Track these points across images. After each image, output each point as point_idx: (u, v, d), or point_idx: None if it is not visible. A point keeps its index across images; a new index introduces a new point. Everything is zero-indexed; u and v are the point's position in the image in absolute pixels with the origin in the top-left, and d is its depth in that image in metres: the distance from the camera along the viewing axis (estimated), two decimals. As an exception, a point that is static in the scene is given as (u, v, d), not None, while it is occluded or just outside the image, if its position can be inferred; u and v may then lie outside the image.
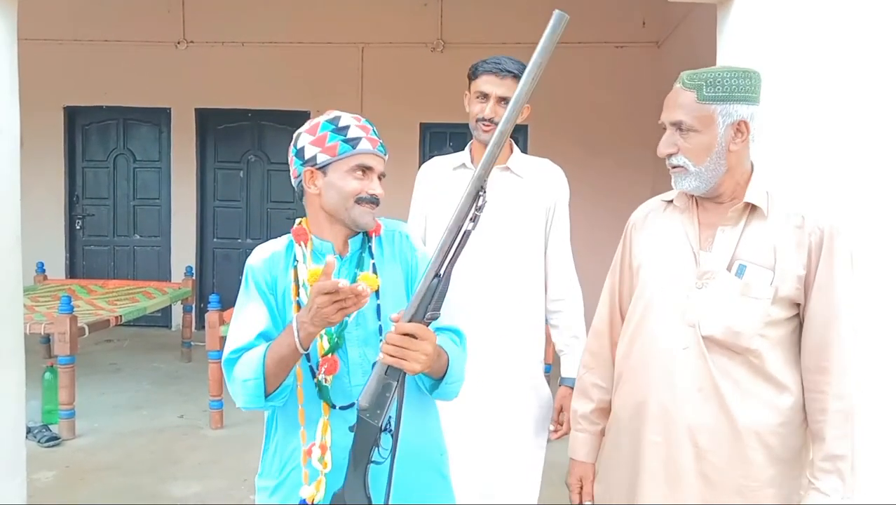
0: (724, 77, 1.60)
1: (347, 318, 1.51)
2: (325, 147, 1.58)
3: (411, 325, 1.37)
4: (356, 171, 1.57)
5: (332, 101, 7.76)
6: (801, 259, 1.60)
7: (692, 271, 1.65)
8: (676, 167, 1.66)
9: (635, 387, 1.71)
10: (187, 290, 6.42)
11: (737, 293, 1.60)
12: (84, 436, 4.46)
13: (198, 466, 4.08)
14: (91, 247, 7.74)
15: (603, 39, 6.92)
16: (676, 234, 1.72)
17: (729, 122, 1.60)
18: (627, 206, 6.61)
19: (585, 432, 1.86)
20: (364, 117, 1.64)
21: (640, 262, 1.77)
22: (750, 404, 1.61)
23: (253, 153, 7.66)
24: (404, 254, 1.70)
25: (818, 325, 1.60)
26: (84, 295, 5.93)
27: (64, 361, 4.37)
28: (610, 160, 6.86)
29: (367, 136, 1.59)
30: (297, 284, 1.60)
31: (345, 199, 1.58)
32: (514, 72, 2.11)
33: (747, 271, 1.60)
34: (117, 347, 6.79)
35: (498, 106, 2.14)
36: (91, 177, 7.72)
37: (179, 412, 4.98)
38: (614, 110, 6.99)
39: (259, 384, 1.50)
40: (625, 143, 6.96)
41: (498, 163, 2.13)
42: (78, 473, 3.93)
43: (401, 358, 1.37)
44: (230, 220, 7.72)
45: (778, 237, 1.62)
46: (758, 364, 1.61)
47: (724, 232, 1.65)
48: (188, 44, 7.33)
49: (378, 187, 1.60)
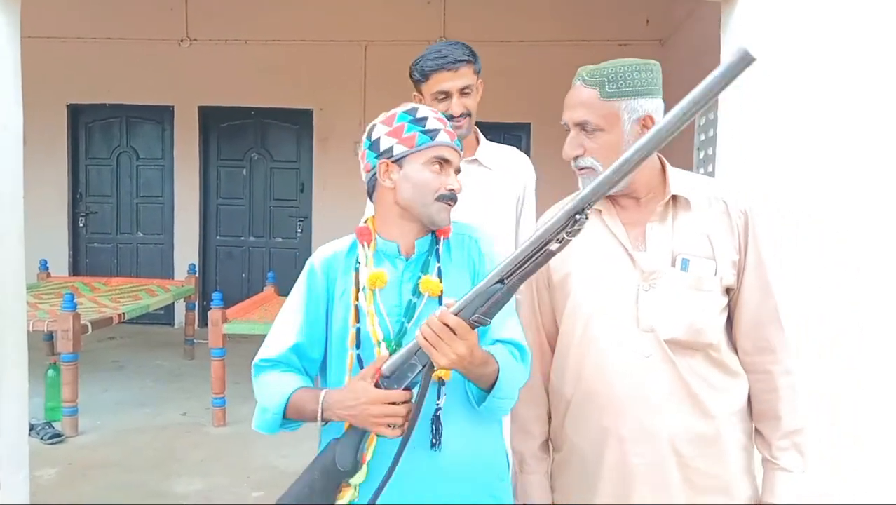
0: (626, 71, 1.53)
1: (406, 323, 1.48)
2: (402, 138, 1.51)
3: (453, 318, 1.30)
4: (434, 164, 1.50)
5: (335, 99, 7.80)
6: (734, 244, 1.57)
7: (633, 274, 1.56)
8: (584, 169, 1.57)
9: (597, 411, 1.57)
10: (190, 287, 6.43)
11: (689, 289, 1.53)
12: (87, 433, 4.47)
13: (200, 463, 4.08)
14: (94, 244, 7.76)
15: (607, 37, 6.89)
16: (602, 237, 1.61)
17: (635, 118, 1.53)
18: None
19: (537, 473, 1.71)
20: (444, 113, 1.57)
21: (563, 274, 1.63)
22: (720, 398, 1.56)
23: (256, 151, 7.66)
24: (472, 259, 1.60)
25: (752, 306, 1.57)
26: (87, 292, 5.94)
27: (67, 358, 4.38)
28: (613, 158, 6.85)
29: (445, 128, 1.53)
30: (357, 288, 1.52)
31: (423, 194, 1.50)
32: (464, 58, 2.05)
33: (691, 265, 1.54)
34: (120, 345, 6.80)
35: (462, 98, 2.07)
36: (94, 174, 7.73)
37: (182, 410, 4.99)
38: (618, 108, 6.97)
39: (276, 419, 1.47)
40: (628, 141, 6.94)
41: (466, 155, 2.09)
42: (81, 469, 3.94)
43: (432, 346, 1.31)
44: (233, 217, 7.72)
45: (708, 226, 1.57)
46: (716, 357, 1.56)
47: (654, 228, 1.57)
48: (191, 41, 7.33)
49: (456, 182, 1.52)
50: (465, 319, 1.31)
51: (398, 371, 1.36)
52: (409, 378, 1.36)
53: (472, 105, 2.11)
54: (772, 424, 1.60)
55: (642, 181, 1.58)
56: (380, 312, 1.49)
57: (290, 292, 1.59)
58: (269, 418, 1.47)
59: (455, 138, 1.54)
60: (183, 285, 6.44)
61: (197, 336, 6.41)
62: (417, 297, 1.50)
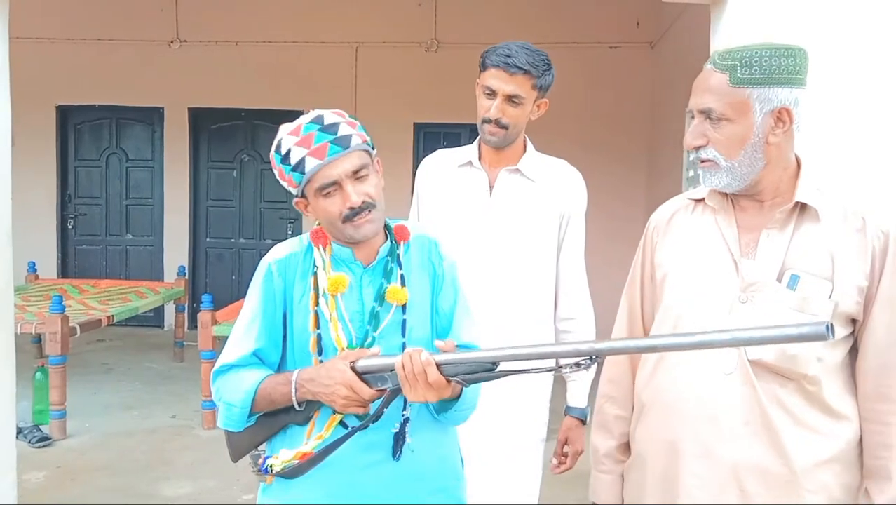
0: (762, 56, 1.35)
1: (372, 332, 1.47)
2: (287, 180, 1.50)
3: (434, 374, 1.30)
4: (322, 193, 1.43)
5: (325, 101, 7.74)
6: (864, 268, 1.37)
7: (733, 282, 1.41)
8: (705, 161, 1.43)
9: (665, 421, 1.45)
10: (180, 289, 6.40)
11: (791, 308, 1.36)
12: (75, 436, 4.44)
13: (189, 466, 4.07)
14: (83, 246, 7.71)
15: (597, 40, 6.93)
16: (711, 238, 1.47)
17: (767, 110, 1.36)
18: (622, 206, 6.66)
19: (610, 473, 1.61)
20: (311, 119, 1.49)
21: (665, 271, 1.51)
22: (807, 440, 1.36)
23: (246, 153, 7.64)
24: (432, 262, 1.57)
25: (880, 345, 1.37)
26: (76, 295, 5.90)
27: (55, 360, 4.35)
28: (604, 158, 6.86)
29: (309, 151, 1.42)
30: (316, 293, 1.49)
31: (332, 224, 1.46)
32: (525, 67, 1.90)
33: (801, 282, 1.36)
34: (109, 347, 6.76)
35: (505, 105, 1.93)
36: (83, 176, 7.69)
37: (171, 412, 4.96)
38: (609, 109, 7.00)
39: (243, 414, 1.46)
40: (619, 141, 6.98)
41: (508, 163, 2.03)
42: (69, 473, 3.91)
43: (406, 380, 1.32)
44: (223, 219, 7.69)
45: (835, 243, 1.38)
46: (814, 392, 1.37)
47: (770, 236, 1.41)
48: (181, 43, 7.30)
49: (354, 196, 1.41)
50: (445, 375, 1.31)
51: (370, 376, 1.38)
52: (377, 386, 1.37)
53: (516, 117, 1.96)
54: (880, 486, 1.38)
55: (770, 183, 1.43)
56: (342, 318, 1.47)
57: (247, 296, 1.57)
58: (237, 413, 1.46)
59: (327, 150, 1.41)
60: (172, 287, 6.41)
61: (186, 338, 6.37)
62: (381, 304, 1.48)
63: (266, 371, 1.50)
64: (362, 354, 1.39)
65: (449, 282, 1.57)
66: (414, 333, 1.50)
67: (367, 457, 1.45)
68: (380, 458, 1.45)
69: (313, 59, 7.17)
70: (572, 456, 2.06)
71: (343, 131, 1.45)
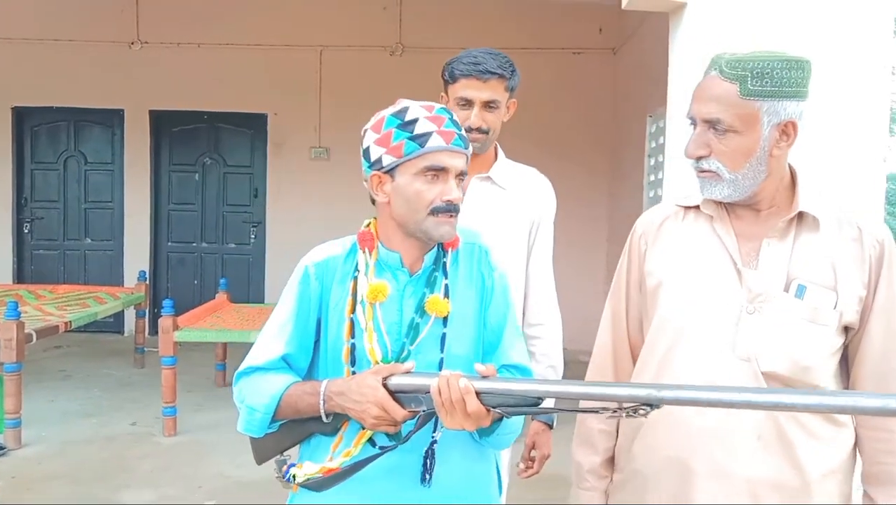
0: (774, 68, 1.31)
1: (409, 345, 1.38)
2: (390, 147, 1.35)
3: (474, 403, 1.21)
4: (426, 174, 1.34)
5: (289, 104, 7.76)
6: (862, 278, 1.37)
7: (738, 292, 1.37)
8: (706, 172, 1.39)
9: (671, 438, 1.40)
10: (140, 294, 6.30)
11: (802, 319, 1.34)
12: (31, 445, 4.33)
13: (150, 473, 3.99)
14: (40, 251, 7.54)
15: (561, 45, 7.00)
16: (709, 246, 1.43)
17: (775, 123, 1.33)
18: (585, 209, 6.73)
19: (594, 490, 1.56)
20: (440, 105, 1.41)
21: (658, 280, 1.47)
22: (819, 450, 1.35)
23: (209, 156, 7.55)
24: (481, 273, 1.47)
25: (878, 353, 1.38)
26: (32, 300, 5.76)
27: (10, 368, 4.24)
28: (568, 162, 6.93)
29: (439, 129, 1.34)
30: (353, 299, 1.39)
31: (415, 210, 1.35)
32: (497, 71, 1.90)
33: (808, 293, 1.35)
34: (67, 354, 6.62)
35: (484, 112, 1.93)
36: (40, 179, 7.52)
37: (131, 419, 4.88)
38: (572, 113, 7.08)
39: (265, 420, 1.38)
40: (582, 145, 7.07)
41: (479, 171, 2.01)
42: (25, 483, 3.82)
43: (443, 406, 1.23)
44: (185, 223, 7.59)
45: (835, 252, 1.37)
46: None
47: (771, 245, 1.39)
48: (142, 44, 7.20)
49: (455, 191, 1.35)
50: (485, 404, 1.22)
51: (402, 397, 1.29)
52: (410, 407, 1.29)
53: (494, 122, 1.96)
54: (886, 491, 1.39)
55: (767, 192, 1.40)
56: (379, 328, 1.38)
57: (251, 299, 1.48)
58: (259, 418, 1.38)
59: (454, 138, 1.37)
60: (133, 293, 6.31)
61: (147, 344, 6.28)
62: (422, 316, 1.39)
63: (293, 377, 1.42)
64: (396, 370, 1.30)
65: (500, 294, 1.48)
66: (454, 348, 1.41)
67: (393, 479, 1.37)
68: (407, 481, 1.38)
69: (277, 61, 7.12)
70: (539, 460, 2.06)
71: (464, 134, 1.40)
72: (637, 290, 1.54)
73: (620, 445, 1.54)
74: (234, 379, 1.46)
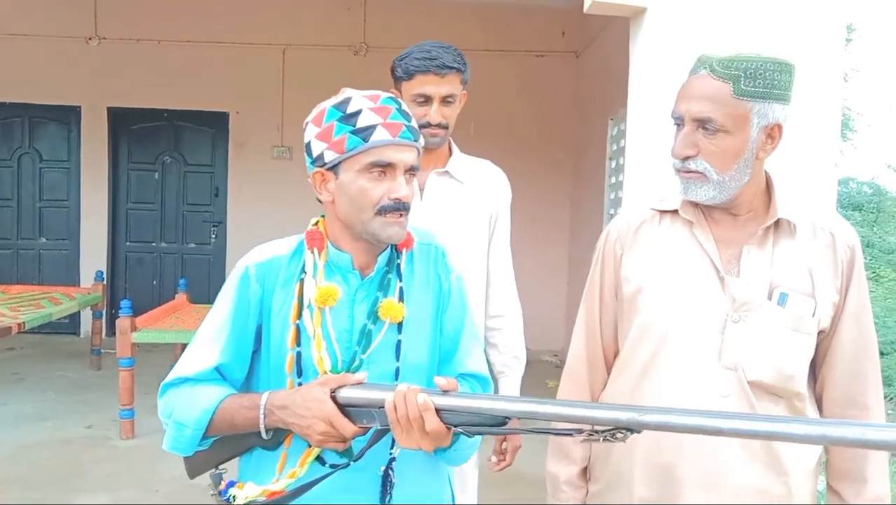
0: (767, 69, 1.30)
1: (360, 354, 1.28)
2: (332, 142, 1.25)
3: (434, 422, 1.11)
4: (371, 171, 1.24)
5: (252, 103, 7.66)
6: (836, 283, 1.37)
7: (721, 300, 1.35)
8: (692, 172, 1.35)
9: (658, 444, 1.37)
10: (97, 295, 6.17)
11: (786, 328, 1.34)
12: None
13: (107, 477, 3.92)
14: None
15: (525, 48, 7.05)
16: (689, 252, 1.40)
17: (763, 125, 1.32)
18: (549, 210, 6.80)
19: (572, 501, 1.52)
20: (389, 94, 1.30)
21: (638, 285, 1.43)
22: (797, 452, 1.36)
23: (169, 154, 7.44)
24: (438, 275, 1.38)
25: (849, 355, 1.39)
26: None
27: (-39, 370, 4.13)
28: (531, 163, 6.98)
29: (384, 121, 1.24)
30: (299, 303, 1.28)
31: (360, 210, 1.25)
32: (454, 66, 1.89)
33: (790, 301, 1.34)
34: (21, 356, 6.46)
35: (443, 107, 1.91)
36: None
37: (87, 422, 4.78)
38: (536, 116, 7.13)
39: (195, 436, 1.25)
40: (546, 147, 7.12)
41: (436, 166, 2.01)
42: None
43: (399, 424, 1.13)
44: (144, 223, 7.46)
45: (811, 259, 1.37)
46: (800, 407, 1.37)
47: (751, 253, 1.37)
48: (100, 40, 7.06)
49: (404, 188, 1.25)
50: (445, 422, 1.12)
51: (353, 411, 1.19)
52: (361, 423, 1.19)
53: (452, 116, 1.96)
54: (855, 488, 1.40)
55: (747, 196, 1.39)
56: (328, 335, 1.28)
57: (211, 300, 1.35)
58: (189, 435, 1.26)
59: (402, 130, 1.26)
60: (89, 293, 6.17)
61: (104, 346, 6.16)
62: (374, 322, 1.29)
63: (228, 389, 1.30)
64: (346, 381, 1.19)
65: (456, 298, 1.39)
66: (410, 356, 1.32)
67: (349, 499, 1.28)
68: (364, 502, 1.29)
69: (239, 60, 7.04)
70: (511, 452, 2.05)
71: (415, 125, 1.30)
72: (612, 296, 1.50)
73: (596, 456, 1.51)
74: (160, 391, 1.33)
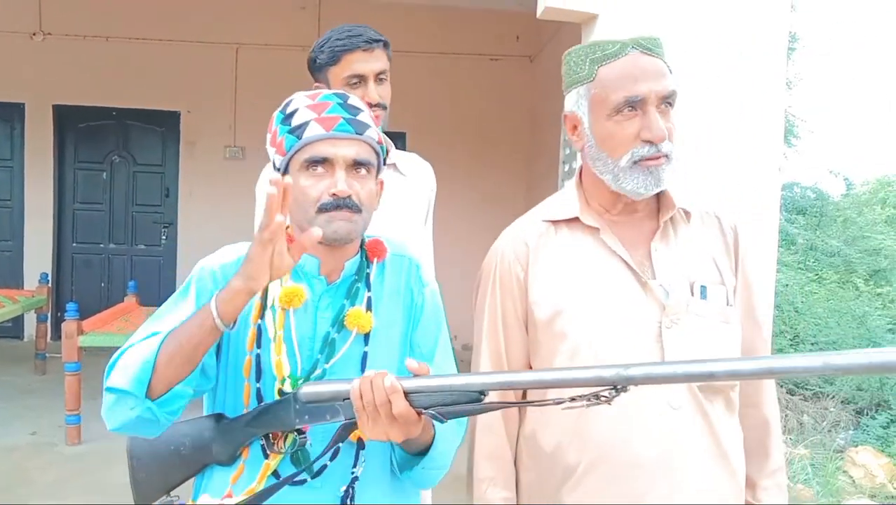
0: (661, 43, 1.28)
1: (323, 363, 1.21)
2: (276, 145, 1.22)
3: (402, 405, 1.04)
4: (309, 168, 1.18)
5: (203, 102, 7.53)
6: (731, 266, 1.34)
7: (649, 307, 1.26)
8: (658, 157, 1.24)
9: (615, 480, 1.25)
10: (42, 298, 6.01)
11: (716, 322, 1.27)
12: (-80, 458, 4.08)
13: (53, 485, 3.82)
14: (-70, 251, 7.10)
15: (479, 51, 7.09)
16: (602, 261, 1.29)
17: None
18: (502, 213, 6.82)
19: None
20: (336, 91, 1.26)
21: (553, 309, 1.30)
22: (738, 448, 1.31)
23: (117, 154, 7.27)
24: (410, 288, 1.32)
25: (744, 333, 1.33)
26: (-79, 304, 5.42)
27: None
28: (486, 165, 7.04)
29: (318, 116, 1.19)
30: (262, 303, 1.21)
31: (304, 210, 1.19)
32: (380, 38, 1.81)
33: (709, 292, 1.27)
34: (-40, 361, 6.26)
35: (378, 86, 1.79)
36: (-69, 175, 7.08)
37: (31, 428, 4.65)
38: (490, 118, 7.18)
39: (144, 373, 1.10)
40: (500, 149, 7.18)
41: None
42: (-88, 498, 3.59)
43: (365, 412, 1.06)
44: (92, 223, 7.28)
45: (710, 246, 1.33)
46: (733, 398, 1.31)
47: (659, 250, 1.29)
48: (45, 35, 6.87)
49: (341, 183, 1.17)
50: (415, 407, 1.05)
51: (319, 406, 1.12)
52: (326, 419, 1.12)
53: (387, 95, 1.83)
54: (759, 463, 1.37)
55: None
56: (290, 339, 1.22)
57: (162, 302, 1.26)
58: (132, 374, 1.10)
59: (338, 123, 1.20)
60: (34, 295, 6.00)
61: (49, 350, 5.99)
62: (339, 331, 1.24)
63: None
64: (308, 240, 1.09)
65: (430, 314, 1.33)
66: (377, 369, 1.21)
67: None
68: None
69: (191, 58, 6.93)
70: None
71: (363, 118, 1.23)
72: (519, 326, 1.35)
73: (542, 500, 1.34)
74: (107, 372, 1.18)
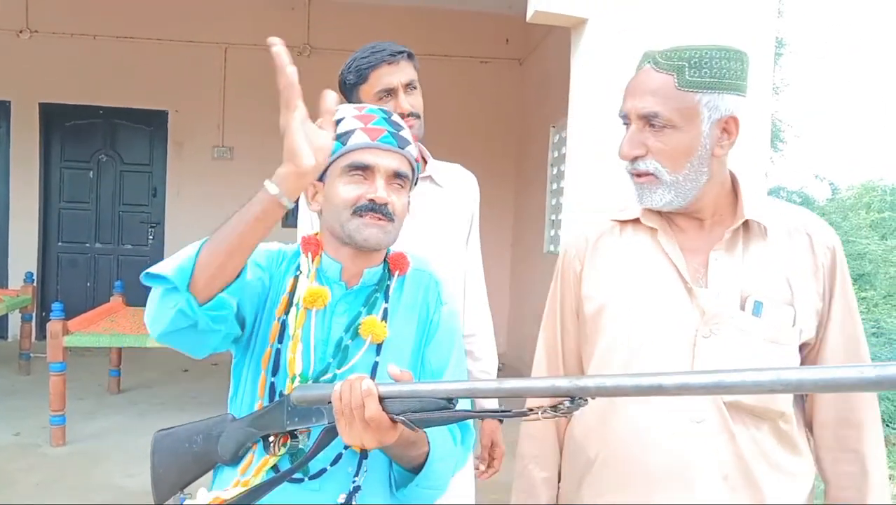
0: (713, 57, 1.21)
1: (335, 368, 1.22)
2: None
3: (374, 408, 1.04)
4: (350, 173, 1.22)
5: (192, 102, 7.52)
6: (818, 289, 1.26)
7: (690, 313, 1.24)
8: (644, 175, 1.25)
9: (624, 480, 1.25)
10: (27, 297, 5.95)
11: (763, 340, 1.21)
12: None
13: (36, 487, 3.78)
14: (-87, 250, 7.03)
15: (469, 54, 7.11)
16: (654, 263, 1.29)
17: (715, 118, 1.22)
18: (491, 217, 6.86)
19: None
20: (379, 107, 1.30)
21: (601, 303, 1.31)
22: (784, 485, 1.23)
23: (104, 153, 7.23)
24: (427, 304, 1.34)
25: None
26: None
27: None
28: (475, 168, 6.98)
29: (364, 126, 1.23)
30: (288, 299, 1.26)
31: (339, 211, 1.23)
32: (405, 50, 1.83)
33: (766, 310, 1.22)
34: (-57, 361, 6.19)
35: (408, 95, 1.81)
36: (-86, 173, 7.01)
37: (15, 430, 4.59)
38: (479, 121, 7.19)
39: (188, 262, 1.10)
40: (489, 152, 7.17)
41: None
42: None
43: (342, 415, 1.06)
44: (78, 223, 7.24)
45: (788, 263, 1.26)
46: (786, 430, 1.24)
47: (720, 259, 1.26)
48: (32, 33, 6.82)
49: (381, 190, 1.21)
50: (389, 413, 1.05)
51: (304, 410, 1.14)
52: (312, 422, 1.14)
53: (419, 104, 1.85)
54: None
55: (710, 199, 1.28)
56: (307, 338, 1.24)
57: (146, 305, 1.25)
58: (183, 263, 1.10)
59: (382, 135, 1.25)
60: (18, 295, 5.94)
61: (34, 350, 5.93)
62: (353, 338, 1.26)
63: None
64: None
65: (444, 334, 1.34)
66: (385, 380, 1.20)
67: None
68: None
69: (179, 58, 6.90)
70: (499, 458, 2.00)
71: (404, 134, 1.28)
72: (573, 318, 1.39)
73: (565, 492, 1.40)
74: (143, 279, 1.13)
